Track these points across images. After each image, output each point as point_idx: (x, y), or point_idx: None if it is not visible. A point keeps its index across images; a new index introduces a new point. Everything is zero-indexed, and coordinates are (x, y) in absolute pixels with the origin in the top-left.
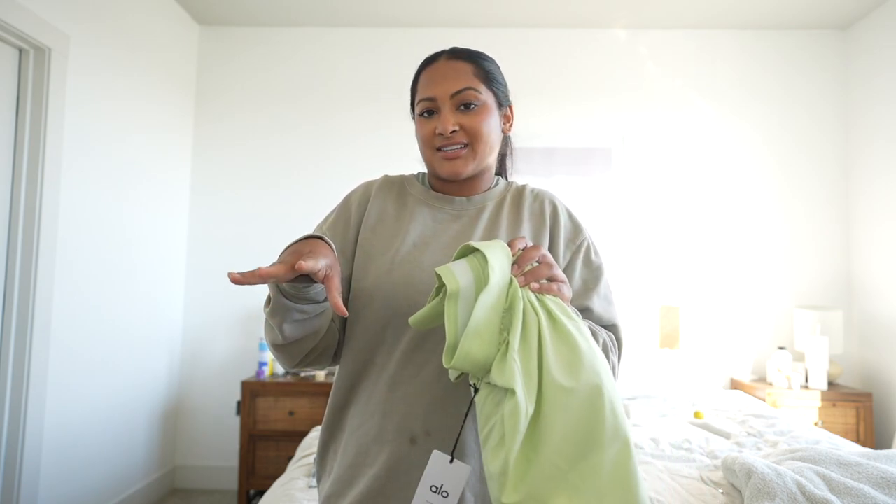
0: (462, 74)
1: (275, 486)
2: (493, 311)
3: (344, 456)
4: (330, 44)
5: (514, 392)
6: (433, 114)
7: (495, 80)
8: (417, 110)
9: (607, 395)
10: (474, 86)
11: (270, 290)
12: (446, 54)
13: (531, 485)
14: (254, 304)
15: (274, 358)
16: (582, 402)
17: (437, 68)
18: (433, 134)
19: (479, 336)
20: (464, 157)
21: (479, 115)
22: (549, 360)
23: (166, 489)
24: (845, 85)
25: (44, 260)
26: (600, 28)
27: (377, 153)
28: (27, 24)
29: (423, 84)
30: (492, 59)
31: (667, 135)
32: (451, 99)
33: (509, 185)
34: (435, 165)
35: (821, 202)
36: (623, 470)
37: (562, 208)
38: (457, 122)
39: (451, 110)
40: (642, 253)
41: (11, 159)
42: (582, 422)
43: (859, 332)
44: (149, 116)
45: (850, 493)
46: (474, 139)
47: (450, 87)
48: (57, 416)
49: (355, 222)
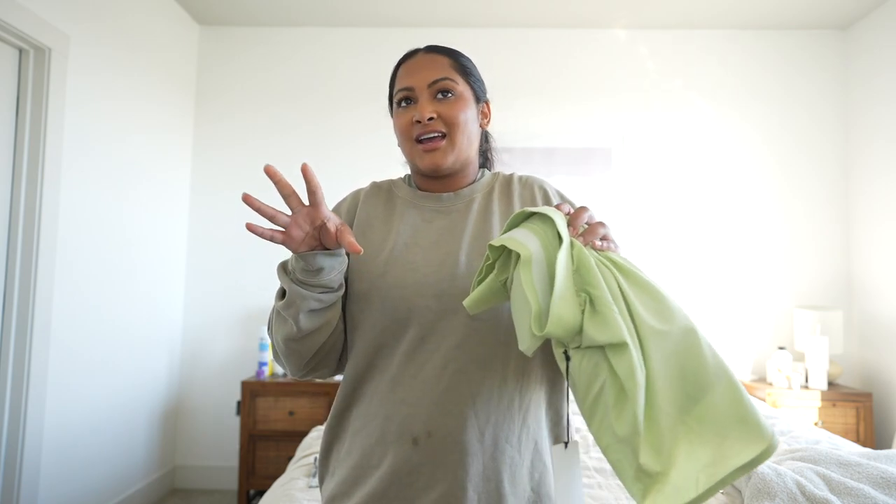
0: (439, 65)
1: (275, 486)
2: (569, 272)
3: (348, 457)
4: (330, 44)
5: (625, 345)
6: (410, 102)
7: (472, 75)
8: (396, 100)
9: (701, 334)
10: (451, 76)
11: (283, 282)
12: (425, 48)
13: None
14: (254, 304)
15: (282, 363)
16: (680, 346)
17: (415, 60)
18: (411, 123)
19: (564, 299)
20: (442, 149)
21: (456, 103)
22: (638, 308)
23: (166, 489)
24: (845, 85)
25: (44, 260)
26: (600, 28)
27: (377, 153)
28: (27, 24)
29: (402, 75)
30: (468, 56)
31: (667, 135)
32: (428, 88)
33: (496, 175)
34: (415, 159)
35: (821, 202)
36: (737, 405)
37: (552, 191)
38: (434, 109)
39: (428, 99)
40: (642, 253)
41: (11, 159)
42: (686, 365)
43: (859, 332)
44: (149, 116)
45: (850, 493)
46: (452, 127)
47: (427, 77)
48: (57, 416)
49: None
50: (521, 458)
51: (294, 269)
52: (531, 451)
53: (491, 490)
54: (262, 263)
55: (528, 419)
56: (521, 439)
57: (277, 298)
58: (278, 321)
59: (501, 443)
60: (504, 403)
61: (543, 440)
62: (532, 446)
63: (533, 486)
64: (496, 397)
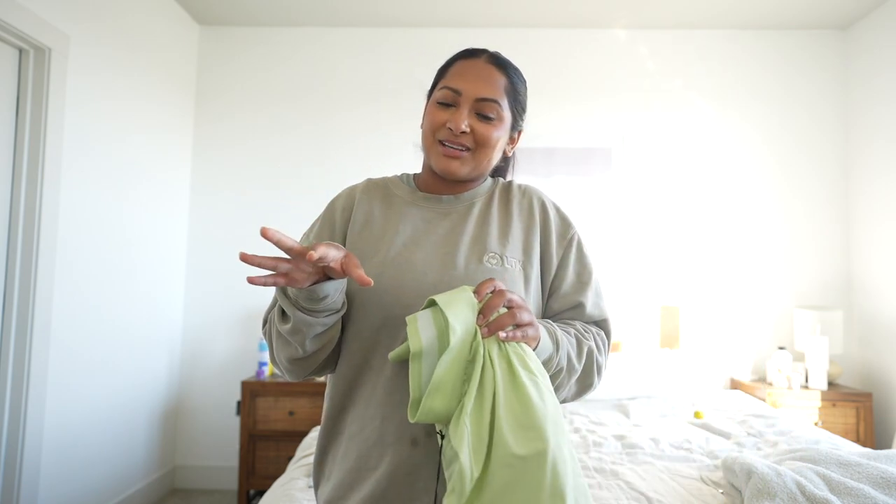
0: (494, 83)
1: (275, 486)
2: (455, 366)
3: (344, 460)
4: (330, 44)
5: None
6: (450, 106)
7: (519, 102)
8: (436, 96)
9: (550, 457)
10: (500, 99)
11: (287, 308)
12: (488, 55)
13: None
14: (254, 304)
15: (283, 372)
16: (526, 469)
17: (474, 64)
18: (442, 125)
19: (440, 392)
20: (462, 160)
21: (493, 127)
22: (502, 421)
23: (166, 489)
24: (845, 85)
25: (44, 260)
26: (600, 28)
27: (377, 153)
28: (27, 24)
29: (454, 73)
30: (524, 79)
31: (667, 135)
32: (474, 101)
33: (496, 182)
34: (432, 157)
35: (821, 202)
36: None
37: (550, 205)
38: (470, 124)
39: (469, 111)
40: (642, 253)
41: (11, 159)
42: (525, 488)
43: (859, 332)
44: (149, 116)
45: (850, 493)
46: (479, 147)
47: (479, 90)
48: (57, 416)
49: (341, 227)
50: None
51: (297, 298)
52: None
53: None
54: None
55: None
56: None
57: (279, 319)
58: (281, 343)
59: None
60: None
61: None
62: None
63: None
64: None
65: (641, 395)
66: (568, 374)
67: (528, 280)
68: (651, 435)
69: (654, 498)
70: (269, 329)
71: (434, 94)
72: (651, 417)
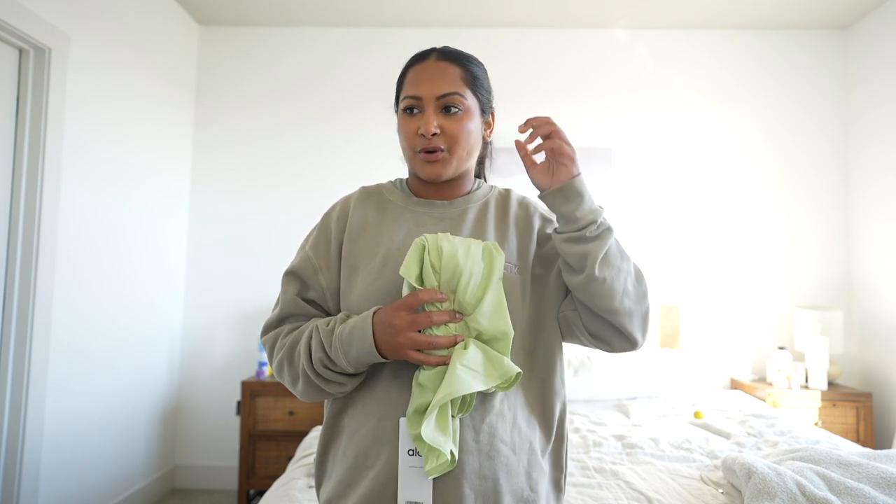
0: (449, 77)
1: (275, 486)
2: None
3: (343, 459)
4: (330, 44)
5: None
6: (417, 111)
7: (481, 87)
8: (401, 106)
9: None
10: (460, 90)
11: (354, 381)
12: (437, 53)
13: None
14: (254, 304)
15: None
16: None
17: (425, 67)
18: (415, 133)
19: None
20: (443, 161)
21: (460, 120)
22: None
23: (166, 489)
24: (845, 85)
25: (44, 260)
26: (600, 28)
27: (377, 153)
28: (27, 24)
29: (410, 81)
30: (480, 63)
31: (667, 135)
32: (436, 101)
33: (491, 189)
34: (416, 167)
35: (821, 202)
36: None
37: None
38: (439, 124)
39: (434, 112)
40: (642, 253)
41: (11, 159)
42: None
43: (859, 332)
44: (149, 116)
45: (850, 493)
46: (453, 143)
47: (436, 89)
48: (57, 416)
49: (337, 236)
50: (517, 458)
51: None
52: (527, 451)
53: (487, 488)
54: (262, 264)
55: (517, 419)
56: (514, 439)
57: (317, 365)
58: (308, 386)
59: (497, 442)
60: (496, 403)
61: (537, 441)
62: (527, 447)
63: (531, 485)
64: (489, 397)
65: (641, 395)
66: (621, 257)
67: (524, 286)
68: (651, 435)
69: (654, 498)
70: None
71: (399, 106)
72: (651, 417)
